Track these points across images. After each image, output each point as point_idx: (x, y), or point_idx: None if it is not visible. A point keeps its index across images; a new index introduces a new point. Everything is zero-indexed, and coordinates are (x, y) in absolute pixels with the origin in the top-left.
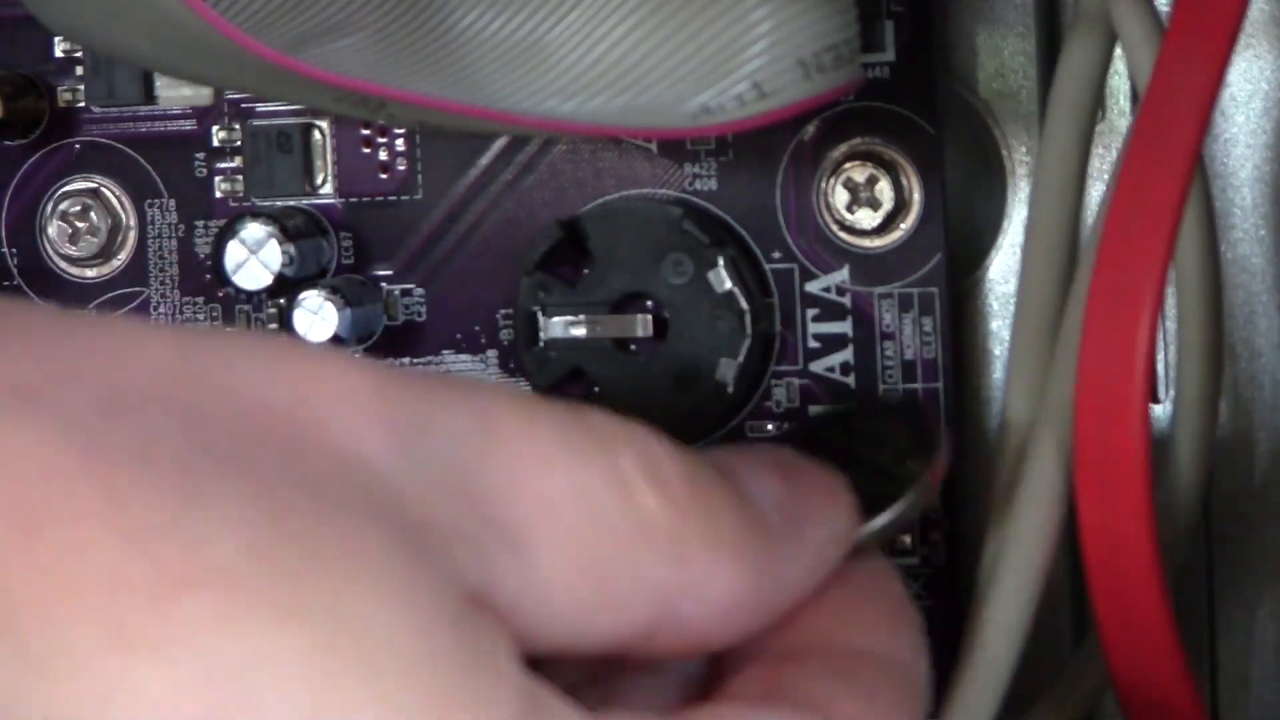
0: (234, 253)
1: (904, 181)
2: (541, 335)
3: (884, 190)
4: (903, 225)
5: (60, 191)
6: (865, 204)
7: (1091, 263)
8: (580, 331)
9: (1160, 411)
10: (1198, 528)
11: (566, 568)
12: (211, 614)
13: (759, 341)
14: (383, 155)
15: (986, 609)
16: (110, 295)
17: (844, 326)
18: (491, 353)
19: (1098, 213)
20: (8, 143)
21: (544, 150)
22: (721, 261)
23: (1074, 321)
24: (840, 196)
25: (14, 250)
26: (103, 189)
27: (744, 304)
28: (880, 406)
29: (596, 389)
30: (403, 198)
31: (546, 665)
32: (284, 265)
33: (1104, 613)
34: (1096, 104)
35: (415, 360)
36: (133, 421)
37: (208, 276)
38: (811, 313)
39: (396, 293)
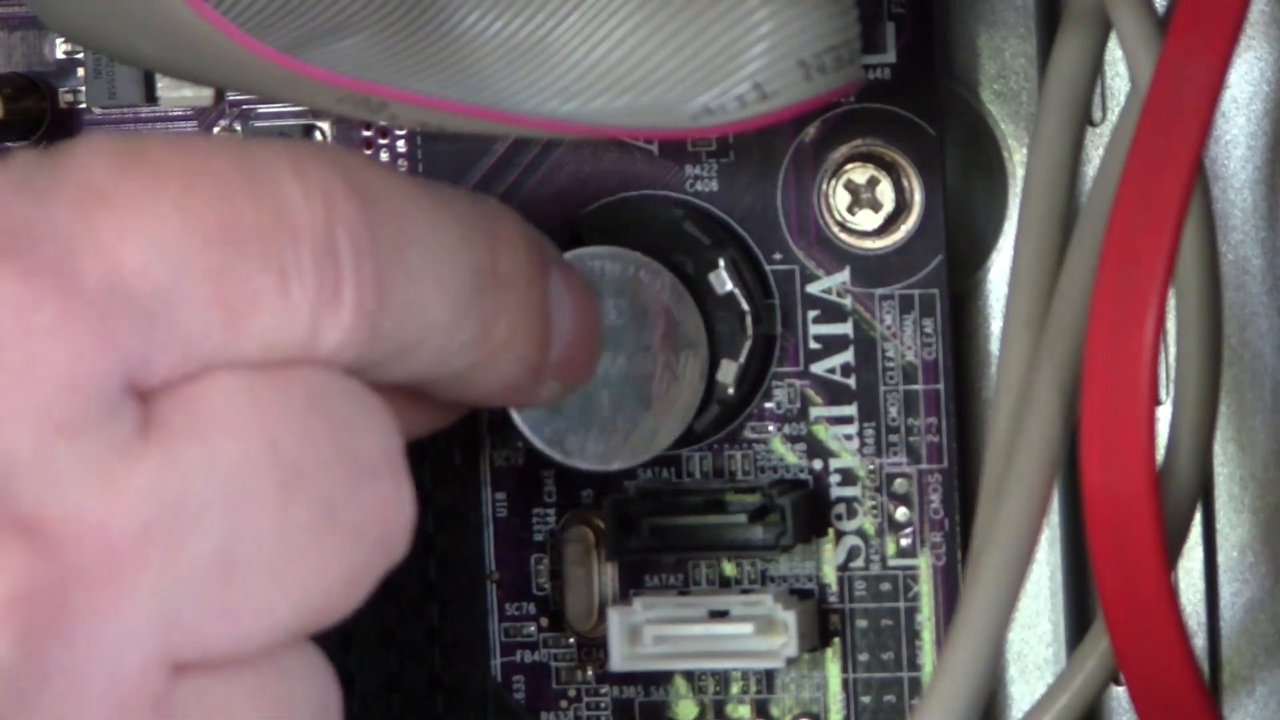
0: None
1: (905, 183)
2: None
3: (885, 192)
4: (903, 227)
5: None
6: (866, 205)
7: (1085, 250)
8: None
9: (1160, 412)
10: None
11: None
12: None
13: (760, 343)
14: (384, 156)
15: (979, 573)
16: None
17: (845, 328)
18: None
19: (1088, 200)
20: (9, 144)
21: (546, 151)
22: (722, 263)
23: (1065, 306)
24: (841, 198)
25: None
26: None
27: (745, 305)
28: None
29: None
30: None
31: None
32: None
33: (1106, 582)
34: (1089, 97)
35: None
36: None
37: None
38: (812, 314)
39: None
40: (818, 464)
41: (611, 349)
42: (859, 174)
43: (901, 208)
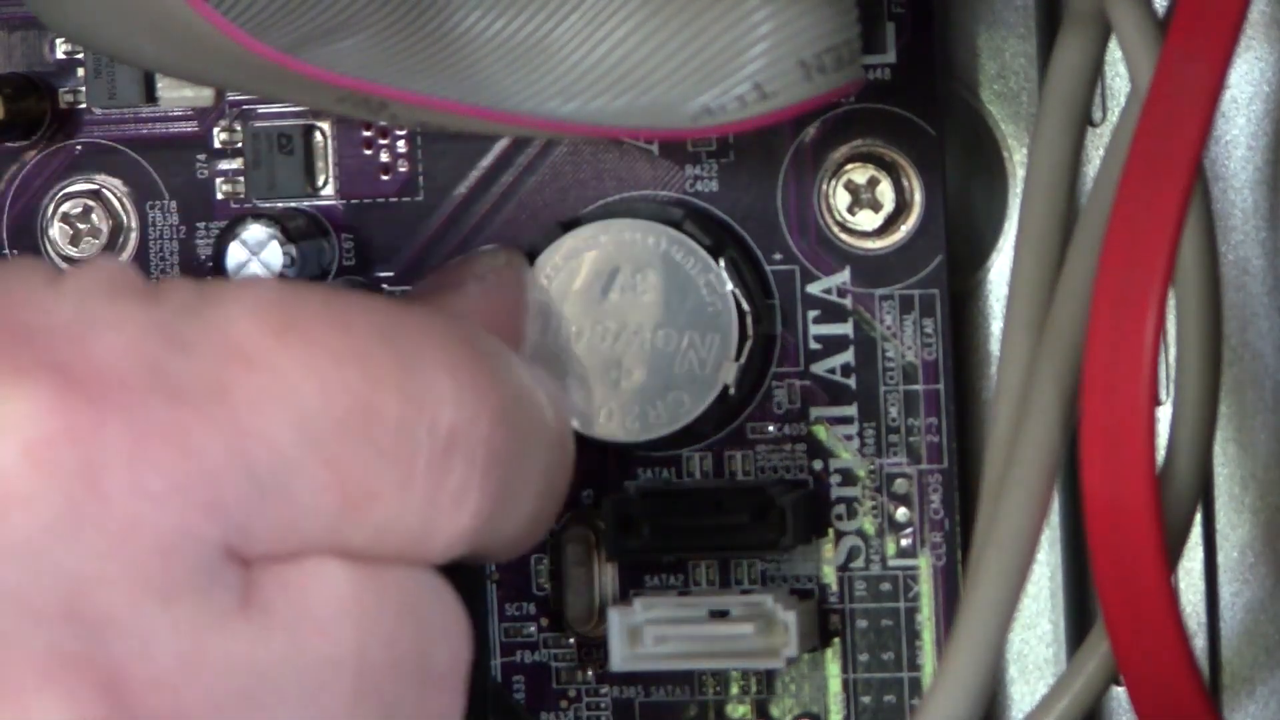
0: (235, 254)
1: (905, 183)
2: None
3: (885, 192)
4: (904, 227)
5: (61, 193)
6: (866, 205)
7: (1085, 252)
8: None
9: (1160, 412)
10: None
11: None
12: None
13: (760, 343)
14: (384, 157)
15: (979, 575)
16: None
17: (845, 328)
18: None
19: (1088, 201)
20: (9, 144)
21: (545, 151)
22: (722, 263)
23: (1065, 308)
24: (841, 198)
25: (15, 251)
26: (104, 190)
27: (745, 305)
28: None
29: None
30: (404, 199)
31: None
32: (285, 266)
33: (1106, 589)
34: (1089, 98)
35: None
36: None
37: (209, 278)
38: (812, 314)
39: (398, 294)
40: (818, 464)
41: (635, 324)
42: (859, 174)
43: (901, 208)
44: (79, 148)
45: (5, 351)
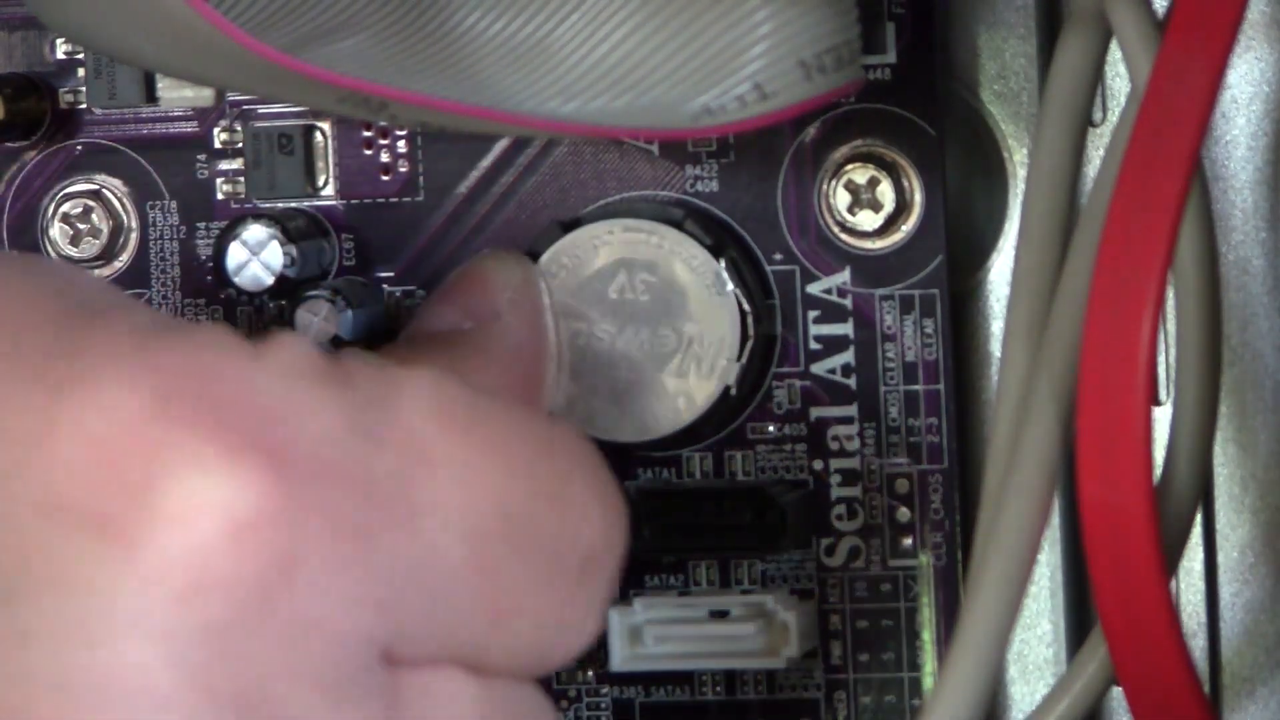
0: (235, 254)
1: (905, 183)
2: None
3: (885, 192)
4: (904, 227)
5: (62, 193)
6: (866, 206)
7: (1084, 254)
8: None
9: (1160, 413)
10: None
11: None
12: None
13: (760, 343)
14: (384, 157)
15: (980, 586)
16: None
17: (845, 328)
18: None
19: (1088, 203)
20: (9, 144)
21: (546, 152)
22: (722, 263)
23: (1064, 313)
24: (841, 198)
25: (15, 251)
26: (104, 190)
27: (745, 306)
28: None
29: None
30: (404, 199)
31: None
32: (285, 266)
33: (1104, 597)
34: (1090, 101)
35: None
36: None
37: (209, 278)
38: (813, 314)
39: (398, 294)
40: (818, 464)
41: (636, 323)
42: (859, 174)
43: (902, 208)
44: (79, 148)
45: (217, 427)
